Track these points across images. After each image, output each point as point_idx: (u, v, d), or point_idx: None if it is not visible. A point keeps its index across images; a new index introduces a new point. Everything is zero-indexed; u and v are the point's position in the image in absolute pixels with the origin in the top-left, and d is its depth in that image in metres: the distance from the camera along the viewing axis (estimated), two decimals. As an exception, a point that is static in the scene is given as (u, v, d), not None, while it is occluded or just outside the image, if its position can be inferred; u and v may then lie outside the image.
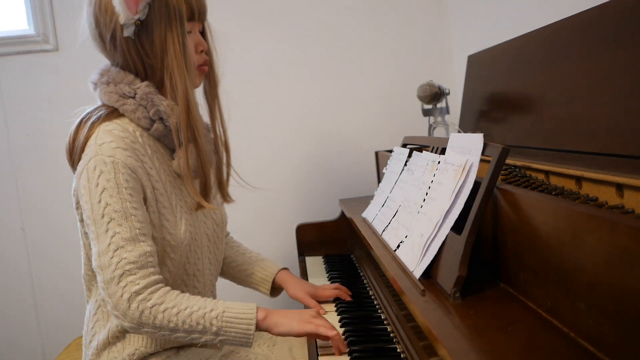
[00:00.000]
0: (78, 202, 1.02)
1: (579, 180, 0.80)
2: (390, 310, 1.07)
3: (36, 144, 2.01)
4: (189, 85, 1.01)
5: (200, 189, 1.07)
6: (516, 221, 0.76)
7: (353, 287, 1.33)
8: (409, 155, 1.21)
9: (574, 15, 1.02)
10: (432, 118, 1.66)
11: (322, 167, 2.14)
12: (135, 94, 1.01)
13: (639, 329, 0.51)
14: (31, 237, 2.08)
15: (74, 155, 1.02)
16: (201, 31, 1.09)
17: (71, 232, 1.30)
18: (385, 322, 1.08)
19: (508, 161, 1.02)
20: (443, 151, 0.99)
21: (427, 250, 0.87)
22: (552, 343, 0.62)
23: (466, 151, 0.87)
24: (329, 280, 1.40)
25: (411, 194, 1.06)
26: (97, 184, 0.95)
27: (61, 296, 2.05)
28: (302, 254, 1.71)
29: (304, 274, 1.52)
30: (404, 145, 1.38)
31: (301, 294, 1.23)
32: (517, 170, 1.00)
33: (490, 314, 0.72)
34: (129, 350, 1.04)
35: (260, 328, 0.98)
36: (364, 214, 1.40)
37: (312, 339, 1.04)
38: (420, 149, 1.23)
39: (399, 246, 1.01)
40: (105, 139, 0.98)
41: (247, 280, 1.30)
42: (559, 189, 0.82)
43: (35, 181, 2.04)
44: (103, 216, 0.95)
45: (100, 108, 1.04)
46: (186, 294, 0.98)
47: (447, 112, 1.64)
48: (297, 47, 2.10)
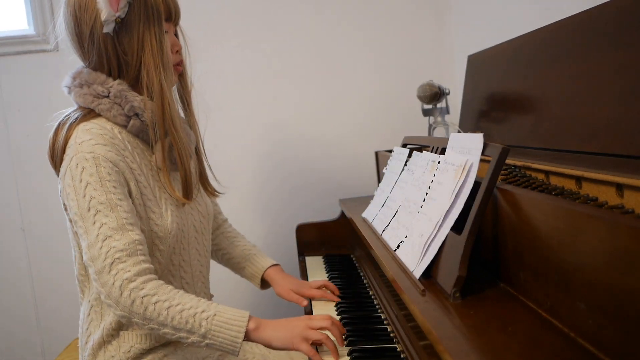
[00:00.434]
0: (65, 204, 1.03)
1: (579, 180, 0.80)
2: (390, 310, 1.07)
3: (36, 144, 2.01)
4: (164, 81, 1.04)
5: (181, 182, 1.09)
6: (516, 221, 0.76)
7: (353, 287, 1.33)
8: (409, 155, 1.21)
9: (574, 15, 1.02)
10: (432, 118, 1.66)
11: (322, 167, 2.14)
12: (109, 92, 1.03)
13: (639, 329, 0.51)
14: (31, 237, 2.08)
15: (55, 158, 1.04)
16: (175, 34, 1.13)
17: (71, 232, 1.30)
18: (385, 322, 1.08)
19: (508, 161, 1.02)
20: (443, 151, 0.99)
21: (427, 250, 0.87)
22: (552, 343, 0.62)
23: (466, 151, 0.87)
24: (329, 280, 1.40)
25: (411, 194, 1.06)
26: (81, 180, 0.97)
27: (61, 296, 2.06)
28: (302, 254, 1.71)
29: (304, 274, 1.52)
30: (404, 145, 1.38)
31: (285, 292, 1.26)
32: (517, 170, 1.00)
33: (490, 314, 0.72)
34: (125, 347, 1.04)
35: (250, 339, 0.96)
36: (364, 214, 1.40)
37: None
38: (420, 149, 1.23)
39: (399, 246, 1.01)
40: (84, 137, 0.99)
41: (240, 272, 1.34)
42: (559, 189, 0.82)
43: (35, 181, 2.04)
44: (89, 209, 0.96)
45: (76, 110, 1.07)
46: (180, 290, 0.98)
47: (447, 112, 1.65)
48: (297, 47, 2.10)
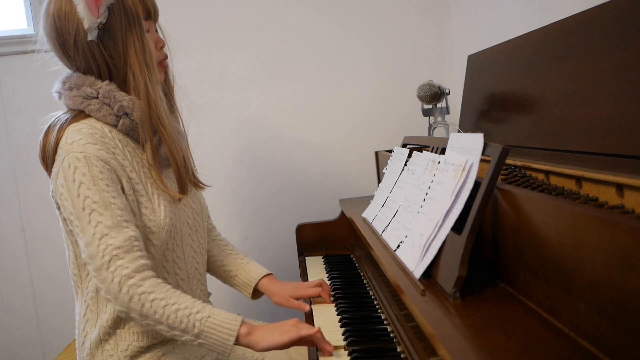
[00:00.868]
0: (58, 204, 1.04)
1: (579, 180, 0.80)
2: (390, 310, 1.07)
3: (36, 144, 2.01)
4: (148, 79, 1.05)
5: (175, 177, 1.10)
6: (516, 221, 0.76)
7: (353, 287, 1.33)
8: (409, 155, 1.21)
9: (574, 15, 1.02)
10: (432, 118, 1.66)
11: (322, 167, 2.14)
12: (98, 93, 1.04)
13: (638, 329, 0.51)
14: (31, 237, 2.08)
15: (47, 159, 1.06)
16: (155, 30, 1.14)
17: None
18: (385, 322, 1.08)
19: (508, 161, 1.02)
20: (443, 151, 0.99)
21: (427, 250, 0.87)
22: (552, 343, 0.62)
23: (466, 151, 0.87)
24: (329, 280, 1.40)
25: (411, 194, 1.06)
26: (74, 180, 0.98)
27: (61, 296, 2.06)
28: (302, 254, 1.71)
29: (304, 274, 1.52)
30: (404, 145, 1.38)
31: (283, 299, 1.24)
32: (517, 170, 1.00)
33: (490, 314, 0.72)
34: (122, 346, 1.05)
35: (241, 343, 0.98)
36: (364, 214, 1.40)
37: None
38: (420, 149, 1.23)
39: (399, 246, 1.01)
40: (75, 137, 1.01)
41: (230, 281, 1.32)
42: (559, 189, 0.82)
43: (35, 181, 2.05)
44: (84, 209, 0.97)
45: (66, 112, 1.08)
46: (178, 290, 0.99)
47: (447, 112, 1.65)
48: (297, 48, 2.10)
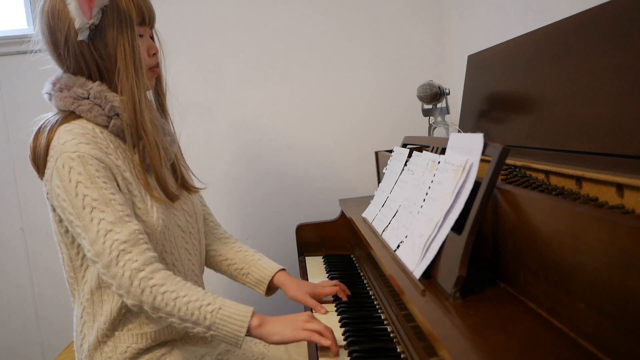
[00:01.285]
0: (53, 206, 1.03)
1: (579, 180, 0.80)
2: (390, 310, 1.07)
3: (36, 144, 2.01)
4: (135, 84, 1.03)
5: (155, 178, 1.09)
6: (516, 221, 0.76)
7: (353, 287, 1.33)
8: (409, 155, 1.21)
9: (574, 15, 1.02)
10: (432, 118, 1.66)
11: (322, 167, 2.14)
12: (89, 94, 1.03)
13: (638, 329, 0.51)
14: (31, 237, 2.08)
15: (38, 161, 1.03)
16: (151, 36, 1.12)
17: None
18: (385, 322, 1.08)
19: (508, 161, 1.02)
20: (443, 151, 0.99)
21: (427, 250, 0.87)
22: (552, 343, 0.62)
23: (466, 151, 0.87)
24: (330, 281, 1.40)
25: (411, 194, 1.06)
26: (70, 180, 0.97)
27: (61, 295, 2.05)
28: (302, 254, 1.71)
29: (304, 274, 1.52)
30: (404, 145, 1.38)
31: (301, 295, 1.22)
32: (517, 170, 1.00)
33: (490, 314, 0.72)
34: (121, 348, 1.05)
35: (252, 334, 0.98)
36: (364, 214, 1.40)
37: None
38: (420, 149, 1.23)
39: (399, 246, 1.01)
40: (67, 137, 0.99)
41: (241, 279, 1.29)
42: (559, 189, 0.82)
43: (35, 181, 2.03)
44: (84, 207, 0.96)
45: (56, 114, 1.07)
46: (188, 282, 0.99)
47: (447, 112, 1.65)
48: (295, 48, 2.10)
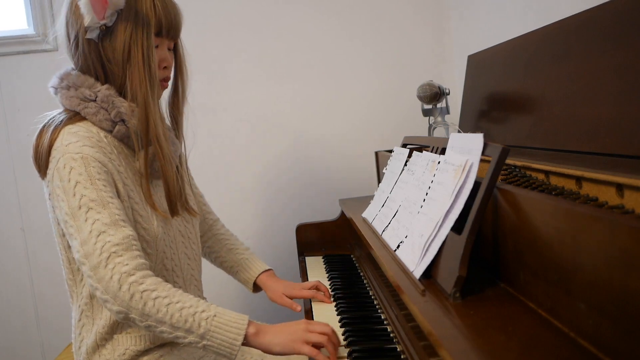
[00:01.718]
0: (53, 206, 1.01)
1: (579, 180, 0.80)
2: (390, 310, 1.07)
3: (36, 144, 2.01)
4: (149, 96, 1.01)
5: (165, 194, 1.08)
6: (516, 221, 0.76)
7: (353, 287, 1.33)
8: (409, 155, 1.21)
9: (574, 15, 1.02)
10: (432, 118, 1.66)
11: (322, 167, 2.14)
12: (96, 97, 1.01)
13: (638, 329, 0.51)
14: (31, 237, 2.08)
15: (40, 161, 1.01)
16: (172, 48, 1.10)
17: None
18: (385, 322, 1.08)
19: (508, 161, 1.02)
20: (443, 151, 0.99)
21: (427, 250, 0.87)
22: (552, 343, 0.62)
23: (466, 151, 0.87)
24: (329, 280, 1.40)
25: (411, 194, 1.06)
26: (69, 180, 0.95)
27: (61, 296, 2.04)
28: (302, 254, 1.71)
29: (304, 274, 1.52)
30: (404, 145, 1.38)
31: (276, 296, 1.27)
32: (517, 170, 1.00)
33: (490, 314, 0.72)
34: (119, 350, 1.03)
35: (250, 343, 0.94)
36: (364, 214, 1.40)
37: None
38: (420, 149, 1.23)
39: (399, 246, 1.01)
40: (71, 139, 0.98)
41: (233, 276, 1.36)
42: (559, 189, 0.82)
43: (35, 181, 2.02)
44: (80, 207, 0.94)
45: (62, 113, 1.05)
46: (180, 289, 0.95)
47: (447, 112, 1.65)
48: (296, 47, 2.10)
